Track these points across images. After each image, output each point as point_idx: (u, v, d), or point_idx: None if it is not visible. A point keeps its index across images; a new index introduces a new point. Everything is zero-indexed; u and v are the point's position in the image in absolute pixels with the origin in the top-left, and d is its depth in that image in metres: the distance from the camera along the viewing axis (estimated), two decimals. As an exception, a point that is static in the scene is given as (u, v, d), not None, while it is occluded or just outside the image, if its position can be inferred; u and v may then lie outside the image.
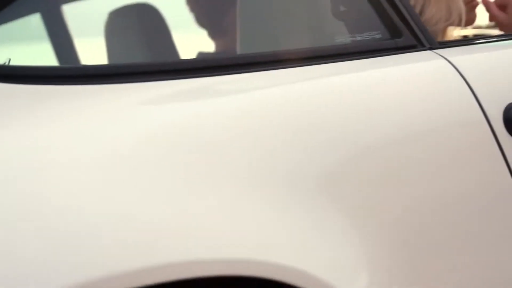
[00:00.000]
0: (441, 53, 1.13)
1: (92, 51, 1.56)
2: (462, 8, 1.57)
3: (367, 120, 0.95)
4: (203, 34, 1.63)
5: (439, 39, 1.46)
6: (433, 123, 1.01)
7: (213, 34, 1.63)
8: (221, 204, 0.79)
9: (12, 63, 0.90)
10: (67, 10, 1.65)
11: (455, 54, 1.12)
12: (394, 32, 1.15)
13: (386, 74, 1.04)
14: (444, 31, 1.54)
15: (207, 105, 0.88)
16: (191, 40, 1.71)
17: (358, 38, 1.13)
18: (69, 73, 0.91)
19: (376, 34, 1.15)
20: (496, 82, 1.09)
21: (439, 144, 1.00)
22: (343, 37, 1.13)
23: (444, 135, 1.01)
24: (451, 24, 1.54)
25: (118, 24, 1.37)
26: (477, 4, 1.75)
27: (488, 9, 1.71)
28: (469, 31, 3.13)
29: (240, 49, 1.20)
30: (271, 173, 0.84)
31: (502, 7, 1.66)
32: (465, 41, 1.29)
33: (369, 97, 0.98)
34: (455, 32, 1.59)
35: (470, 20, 1.73)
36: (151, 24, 1.37)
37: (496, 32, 1.84)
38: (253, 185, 0.82)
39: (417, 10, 1.47)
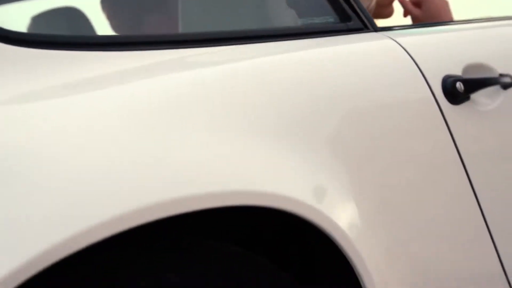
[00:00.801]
0: (386, 34, 1.31)
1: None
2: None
3: (329, 81, 1.12)
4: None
5: None
6: (387, 93, 1.19)
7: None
8: (233, 147, 0.93)
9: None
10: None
11: (397, 36, 1.31)
12: (344, 16, 1.33)
13: (346, 49, 1.21)
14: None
15: (211, 71, 1.03)
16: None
17: (316, 21, 1.30)
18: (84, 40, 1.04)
19: (329, 18, 1.33)
20: (434, 57, 1.29)
21: (392, 111, 1.18)
22: (303, 20, 1.30)
23: (397, 103, 1.19)
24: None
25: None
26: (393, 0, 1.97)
27: (403, 5, 1.93)
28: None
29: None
30: (267, 123, 0.99)
31: (417, 4, 1.88)
32: (401, 26, 1.49)
33: (333, 67, 1.16)
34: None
35: (387, 14, 1.95)
36: None
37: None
38: (255, 132, 0.97)
39: None
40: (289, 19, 1.33)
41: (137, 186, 0.83)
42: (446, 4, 1.81)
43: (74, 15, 1.57)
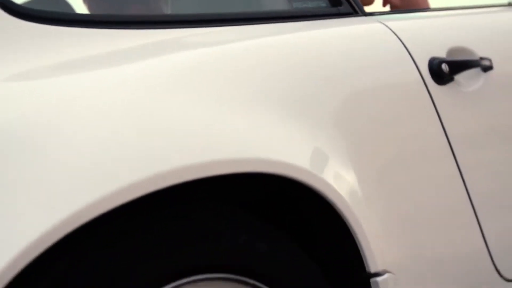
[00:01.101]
0: (375, 18, 1.38)
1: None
2: None
3: (327, 60, 1.18)
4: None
5: None
6: (379, 72, 1.26)
7: None
8: (242, 119, 0.99)
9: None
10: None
11: (386, 20, 1.38)
12: (335, 1, 1.39)
13: (340, 32, 1.28)
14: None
15: (216, 50, 1.09)
16: None
17: (309, 5, 1.36)
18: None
19: (321, 3, 1.39)
20: (421, 40, 1.36)
21: (385, 89, 1.25)
22: (297, 4, 1.36)
23: (388, 82, 1.26)
24: None
25: None
26: None
27: None
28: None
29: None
30: (271, 98, 1.06)
31: None
32: (387, 12, 1.56)
33: (330, 48, 1.22)
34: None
35: (368, 1, 2.01)
36: None
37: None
38: (260, 105, 1.03)
39: None
40: (284, 2, 1.39)
41: (153, 154, 0.88)
42: None
43: None
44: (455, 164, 1.31)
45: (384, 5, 2.03)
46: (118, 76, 0.98)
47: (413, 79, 1.30)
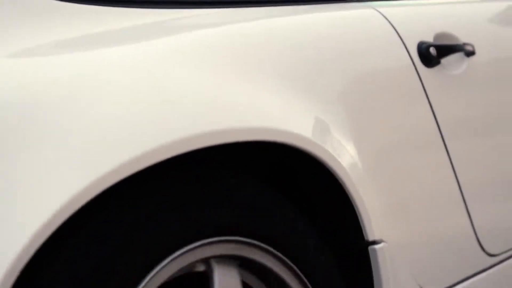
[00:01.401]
0: (367, 4, 1.46)
1: None
2: None
3: (329, 39, 1.25)
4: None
5: None
6: (374, 53, 1.33)
7: None
8: (253, 92, 1.06)
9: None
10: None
11: (377, 6, 1.45)
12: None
13: (339, 15, 1.36)
14: None
15: (224, 29, 1.16)
16: None
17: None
18: None
19: None
20: (410, 25, 1.44)
21: (379, 70, 1.32)
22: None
23: (382, 63, 1.33)
24: None
25: None
26: None
27: None
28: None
29: None
30: (278, 74, 1.12)
31: None
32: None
33: (329, 29, 1.29)
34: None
35: None
36: None
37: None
38: (270, 81, 1.10)
39: None
40: None
41: (167, 123, 0.94)
42: None
43: None
44: (442, 143, 1.39)
45: None
46: (136, 51, 1.03)
47: (404, 60, 1.37)
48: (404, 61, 1.37)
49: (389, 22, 1.40)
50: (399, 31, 1.39)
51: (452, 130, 1.42)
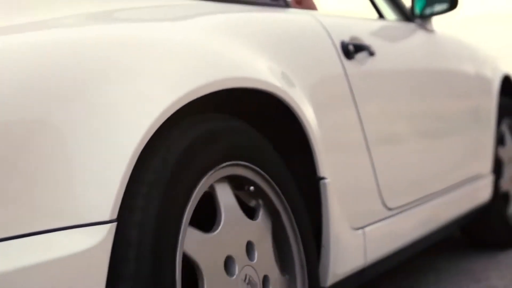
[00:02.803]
0: (304, 11, 1.94)
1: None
2: None
3: (284, 26, 1.71)
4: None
5: None
6: (314, 45, 1.81)
7: None
8: (251, 58, 1.50)
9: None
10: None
11: (312, 13, 1.94)
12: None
13: (294, 16, 1.83)
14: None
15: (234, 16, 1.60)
16: None
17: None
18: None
19: None
20: (335, 29, 1.93)
21: (318, 58, 1.79)
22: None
23: (318, 54, 1.81)
24: None
25: None
26: None
27: None
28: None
29: None
30: (259, 47, 1.57)
31: (298, 2, 2.52)
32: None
33: (286, 22, 1.76)
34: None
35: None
36: None
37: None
38: (257, 52, 1.54)
39: None
40: None
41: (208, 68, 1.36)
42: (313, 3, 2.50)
43: None
44: (355, 106, 1.88)
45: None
46: (187, 24, 1.46)
47: (333, 51, 1.87)
48: (333, 51, 1.87)
49: (323, 25, 1.89)
50: (329, 32, 1.89)
51: (362, 98, 1.92)
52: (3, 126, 1.04)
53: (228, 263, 1.33)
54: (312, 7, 2.48)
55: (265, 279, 1.43)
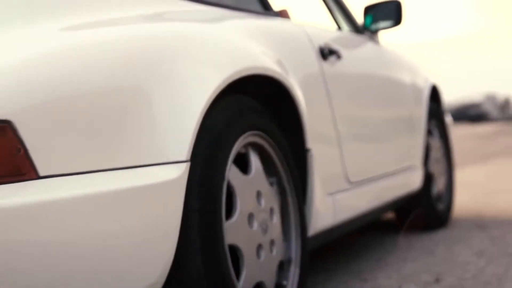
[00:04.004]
0: (289, 21, 2.40)
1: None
2: None
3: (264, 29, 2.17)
4: None
5: None
6: (300, 46, 2.27)
7: None
8: (259, 51, 1.95)
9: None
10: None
11: (296, 24, 2.40)
12: (265, 7, 2.38)
13: (285, 24, 2.29)
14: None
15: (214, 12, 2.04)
16: None
17: (252, 8, 2.34)
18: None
19: (258, 7, 2.37)
20: (314, 36, 2.40)
21: (303, 54, 2.26)
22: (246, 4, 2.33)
23: (304, 51, 2.28)
24: None
25: None
26: None
27: None
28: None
29: None
30: (259, 45, 2.02)
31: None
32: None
33: (272, 28, 2.22)
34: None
35: None
36: None
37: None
38: (261, 47, 1.99)
39: None
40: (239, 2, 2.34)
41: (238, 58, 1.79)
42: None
43: None
44: (329, 102, 2.35)
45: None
46: (214, 26, 1.89)
47: (313, 53, 2.34)
48: (313, 53, 2.34)
49: (305, 32, 2.36)
50: (310, 38, 2.36)
51: (333, 91, 2.40)
52: (116, 90, 1.45)
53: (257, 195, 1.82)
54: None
55: (271, 212, 1.87)
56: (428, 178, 3.50)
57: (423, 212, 3.52)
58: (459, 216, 3.99)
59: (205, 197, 1.56)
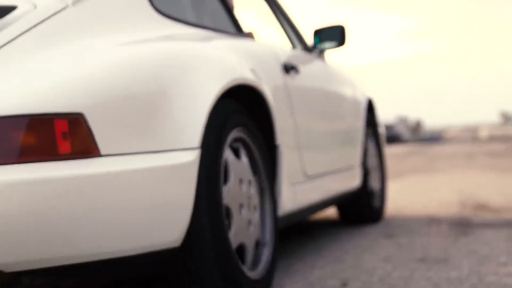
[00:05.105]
0: (259, 41, 2.90)
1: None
2: None
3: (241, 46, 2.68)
4: None
5: None
6: (270, 62, 2.78)
7: None
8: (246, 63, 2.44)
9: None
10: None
11: (265, 44, 2.90)
12: (238, 29, 2.88)
13: (251, 42, 2.79)
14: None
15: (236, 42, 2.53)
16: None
17: (228, 30, 2.83)
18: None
19: (232, 28, 2.86)
20: (279, 56, 2.91)
21: (272, 67, 2.77)
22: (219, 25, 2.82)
23: (272, 66, 2.78)
24: None
25: None
26: None
27: None
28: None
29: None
30: (243, 57, 2.51)
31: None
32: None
33: (243, 45, 2.72)
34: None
35: None
36: None
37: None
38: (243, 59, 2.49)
39: None
40: (216, 23, 2.82)
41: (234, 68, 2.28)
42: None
43: None
44: (291, 108, 2.86)
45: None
46: (210, 45, 2.37)
47: (279, 68, 2.85)
48: (279, 68, 2.85)
49: (272, 50, 2.88)
50: (276, 55, 2.88)
51: (294, 100, 2.91)
52: (149, 92, 1.91)
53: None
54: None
55: (252, 189, 2.37)
56: (366, 178, 4.05)
57: (361, 207, 4.07)
58: (367, 225, 4.16)
59: (210, 172, 2.05)
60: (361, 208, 4.09)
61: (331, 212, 4.85)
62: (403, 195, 5.99)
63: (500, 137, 34.23)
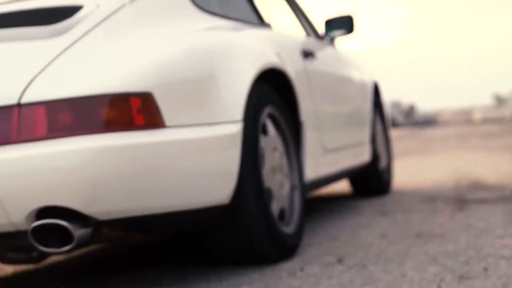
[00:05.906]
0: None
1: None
2: None
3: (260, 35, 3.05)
4: None
5: None
6: (296, 48, 3.14)
7: None
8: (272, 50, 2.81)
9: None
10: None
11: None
12: (261, 20, 3.24)
13: (273, 31, 3.15)
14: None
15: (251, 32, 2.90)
16: None
17: (253, 20, 3.19)
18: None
19: (256, 20, 3.22)
20: (298, 39, 3.27)
21: (296, 52, 3.14)
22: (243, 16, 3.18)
23: (298, 53, 3.15)
24: None
25: None
26: None
27: None
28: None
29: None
30: (262, 45, 2.88)
31: None
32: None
33: (259, 35, 3.08)
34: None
35: None
36: None
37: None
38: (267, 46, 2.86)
39: None
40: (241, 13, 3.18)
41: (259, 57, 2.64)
42: None
43: None
44: (312, 91, 3.22)
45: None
46: (242, 35, 2.74)
47: (298, 54, 3.21)
48: (298, 53, 3.23)
49: (292, 38, 3.24)
50: (296, 42, 3.25)
51: (314, 82, 3.27)
52: (204, 75, 2.29)
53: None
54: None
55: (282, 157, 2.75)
56: (375, 154, 4.43)
57: (372, 181, 4.46)
58: (364, 204, 4.25)
59: (251, 142, 2.43)
60: (372, 181, 4.48)
61: (325, 191, 5.21)
62: (398, 175, 6.03)
63: (493, 119, 34.38)
